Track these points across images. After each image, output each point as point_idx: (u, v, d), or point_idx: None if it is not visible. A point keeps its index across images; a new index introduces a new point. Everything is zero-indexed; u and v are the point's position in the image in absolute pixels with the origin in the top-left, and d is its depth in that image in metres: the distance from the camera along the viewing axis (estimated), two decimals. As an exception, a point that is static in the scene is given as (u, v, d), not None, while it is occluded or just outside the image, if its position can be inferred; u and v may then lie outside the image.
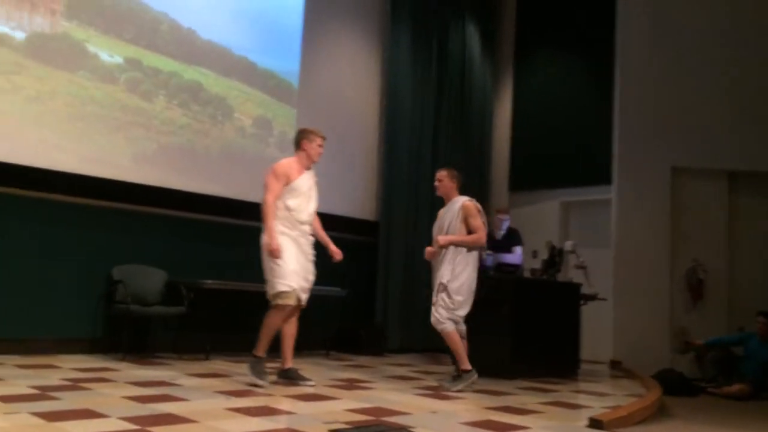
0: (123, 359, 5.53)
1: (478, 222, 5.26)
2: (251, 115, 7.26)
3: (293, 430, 3.28)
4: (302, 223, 4.78)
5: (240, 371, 5.27)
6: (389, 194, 8.32)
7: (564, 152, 9.25)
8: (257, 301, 5.26)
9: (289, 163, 4.84)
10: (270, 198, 4.67)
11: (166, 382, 4.50)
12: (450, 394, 4.85)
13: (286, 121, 7.54)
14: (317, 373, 5.49)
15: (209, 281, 6.17)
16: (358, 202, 8.36)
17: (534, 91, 9.85)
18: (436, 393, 4.86)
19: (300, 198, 4.78)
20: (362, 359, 7.00)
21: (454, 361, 5.32)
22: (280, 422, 3.51)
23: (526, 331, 6.22)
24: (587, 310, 7.25)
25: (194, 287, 6.07)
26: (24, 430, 2.95)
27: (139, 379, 4.57)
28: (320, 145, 4.90)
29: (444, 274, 5.17)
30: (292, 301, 4.64)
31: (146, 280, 6.06)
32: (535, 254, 8.39)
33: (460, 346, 5.16)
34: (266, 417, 3.59)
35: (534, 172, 9.54)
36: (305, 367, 5.48)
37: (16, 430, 2.93)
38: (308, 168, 4.89)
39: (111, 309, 5.85)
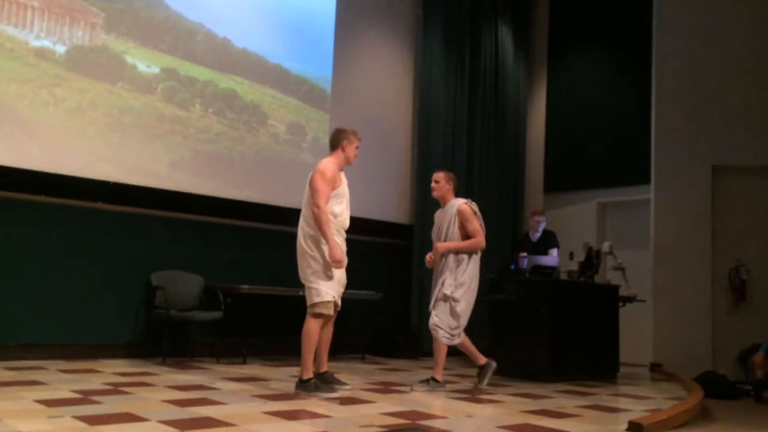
0: (162, 363, 5.64)
1: (475, 225, 5.15)
2: (285, 122, 7.33)
3: (329, 433, 3.31)
4: (345, 229, 4.71)
5: (276, 376, 5.33)
6: (424, 197, 8.28)
7: (600, 152, 9.13)
8: (293, 305, 5.31)
9: (333, 166, 4.63)
10: (323, 203, 4.44)
11: (205, 386, 4.57)
12: (484, 397, 4.83)
13: (319, 126, 7.60)
14: (353, 376, 5.51)
15: (245, 286, 6.24)
16: (393, 206, 8.37)
17: (568, 90, 9.74)
18: (472, 396, 4.84)
19: (343, 204, 4.67)
20: (398, 363, 7.00)
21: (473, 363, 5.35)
22: (317, 426, 3.53)
23: (563, 334, 6.15)
24: (626, 312, 7.13)
25: (231, 292, 6.15)
26: (67, 433, 3.02)
27: (177, 383, 4.65)
28: (357, 147, 4.81)
29: (447, 285, 5.07)
30: (331, 311, 4.60)
31: (184, 285, 6.17)
32: (571, 256, 8.30)
33: (443, 358, 5.11)
34: (303, 420, 3.62)
35: (570, 173, 9.44)
36: (341, 370, 5.50)
37: (60, 433, 3.01)
38: (341, 170, 4.87)
39: (150, 314, 5.97)
